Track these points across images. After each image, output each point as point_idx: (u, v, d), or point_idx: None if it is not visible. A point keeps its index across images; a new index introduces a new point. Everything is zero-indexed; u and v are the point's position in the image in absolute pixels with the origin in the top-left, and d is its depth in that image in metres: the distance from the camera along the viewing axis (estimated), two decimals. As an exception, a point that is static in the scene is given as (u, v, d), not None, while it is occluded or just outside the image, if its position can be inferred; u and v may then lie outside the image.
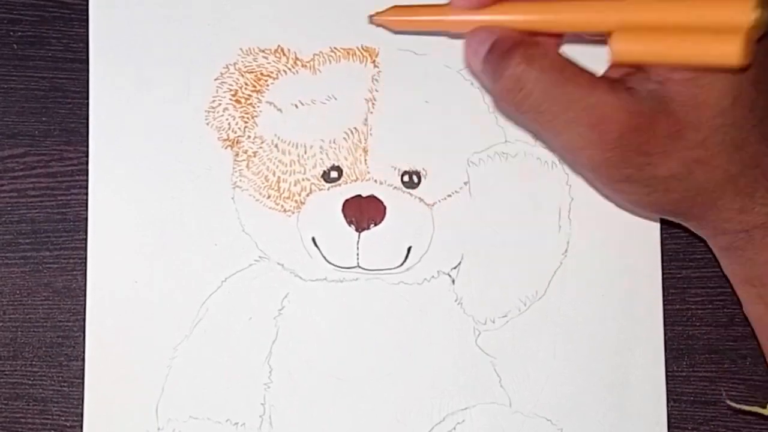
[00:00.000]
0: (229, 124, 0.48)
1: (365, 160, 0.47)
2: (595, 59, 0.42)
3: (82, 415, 0.46)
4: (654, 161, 0.39)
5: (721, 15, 0.36)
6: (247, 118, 0.48)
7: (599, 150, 0.39)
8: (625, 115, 0.39)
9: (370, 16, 0.45)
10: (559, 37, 0.43)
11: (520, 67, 0.39)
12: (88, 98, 0.47)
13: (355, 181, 0.47)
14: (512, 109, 0.41)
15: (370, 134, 0.47)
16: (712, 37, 0.36)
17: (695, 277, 0.48)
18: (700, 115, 0.38)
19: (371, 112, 0.48)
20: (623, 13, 0.38)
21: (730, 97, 0.38)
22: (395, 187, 0.47)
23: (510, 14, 0.41)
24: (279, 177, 0.47)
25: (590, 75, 0.40)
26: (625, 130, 0.39)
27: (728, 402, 0.45)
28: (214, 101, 0.48)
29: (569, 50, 0.42)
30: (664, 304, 0.47)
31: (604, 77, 0.40)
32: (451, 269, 0.47)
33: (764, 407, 0.43)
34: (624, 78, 0.40)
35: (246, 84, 0.48)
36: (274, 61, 0.48)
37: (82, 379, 0.46)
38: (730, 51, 0.36)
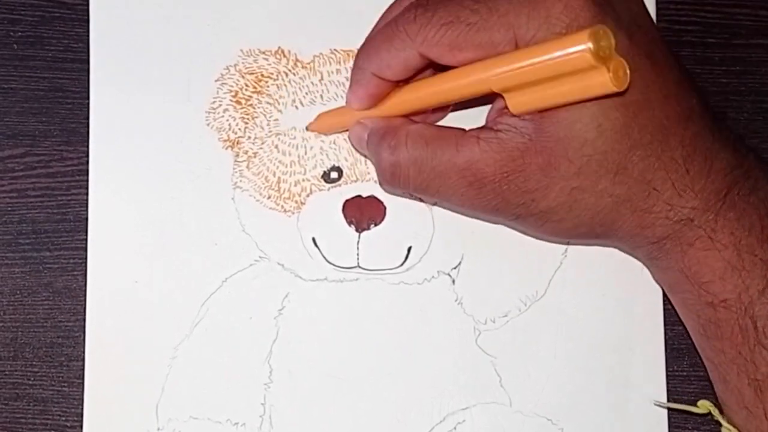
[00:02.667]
0: (229, 124, 0.48)
1: (365, 160, 0.47)
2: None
3: (82, 415, 0.46)
4: (536, 197, 0.40)
5: (568, 57, 0.35)
6: (248, 119, 0.48)
7: (482, 202, 0.41)
8: (494, 166, 0.39)
9: (306, 127, 0.47)
10: (444, 109, 0.46)
11: (390, 158, 0.42)
12: (88, 98, 0.47)
13: (355, 181, 0.47)
14: (399, 191, 0.45)
15: (370, 135, 0.47)
16: (582, 74, 0.36)
17: (695, 277, 0.48)
18: (568, 148, 0.39)
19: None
20: (497, 77, 0.38)
21: (593, 128, 0.38)
22: (395, 188, 0.47)
23: (395, 102, 0.43)
24: (279, 177, 0.47)
25: (456, 134, 0.41)
26: (498, 179, 0.40)
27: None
28: (214, 102, 0.48)
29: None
30: (664, 304, 0.47)
31: (471, 131, 0.41)
32: (452, 269, 0.47)
33: (694, 405, 0.44)
34: (496, 119, 0.41)
35: (246, 85, 0.48)
36: (274, 63, 0.48)
37: (82, 379, 0.46)
38: (601, 82, 0.35)
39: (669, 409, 0.47)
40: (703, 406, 0.44)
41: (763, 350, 0.40)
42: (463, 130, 0.41)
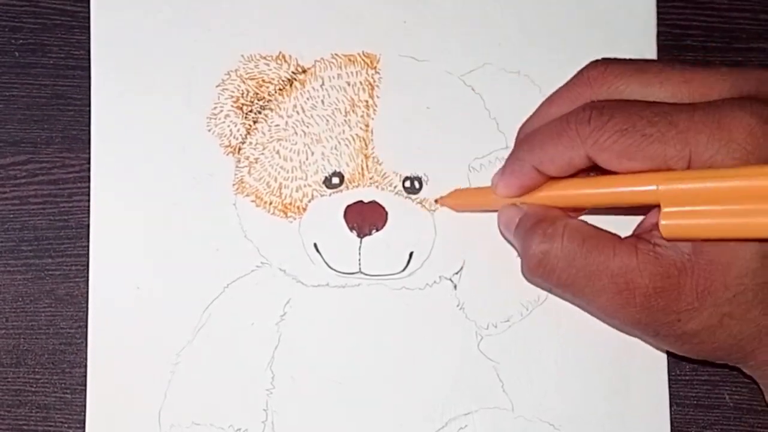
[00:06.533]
0: (230, 130, 0.48)
1: (367, 166, 0.47)
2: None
3: (84, 422, 0.46)
4: (683, 318, 0.39)
5: (753, 186, 0.35)
6: (249, 124, 0.48)
7: (627, 314, 0.40)
8: (648, 279, 0.39)
9: (436, 201, 0.47)
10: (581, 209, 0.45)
11: (542, 246, 0.40)
12: (89, 105, 0.47)
13: (357, 187, 0.47)
14: (540, 282, 0.43)
15: (372, 140, 0.48)
16: (756, 207, 0.35)
17: (697, 281, 0.48)
18: (726, 275, 0.38)
19: (372, 118, 0.48)
20: (662, 188, 0.37)
21: (758, 259, 0.37)
22: (397, 193, 0.47)
23: (547, 195, 0.42)
24: (281, 183, 0.47)
25: (613, 238, 0.40)
26: (651, 293, 0.39)
27: None
28: (215, 108, 0.48)
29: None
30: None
31: (628, 238, 0.40)
32: (453, 274, 0.47)
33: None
34: (653, 231, 0.40)
35: (247, 91, 0.48)
36: (275, 68, 0.48)
37: (85, 385, 0.46)
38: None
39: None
40: None
41: None
42: (619, 236, 0.41)
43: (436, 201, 0.47)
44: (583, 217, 0.44)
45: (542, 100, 0.44)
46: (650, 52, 0.49)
